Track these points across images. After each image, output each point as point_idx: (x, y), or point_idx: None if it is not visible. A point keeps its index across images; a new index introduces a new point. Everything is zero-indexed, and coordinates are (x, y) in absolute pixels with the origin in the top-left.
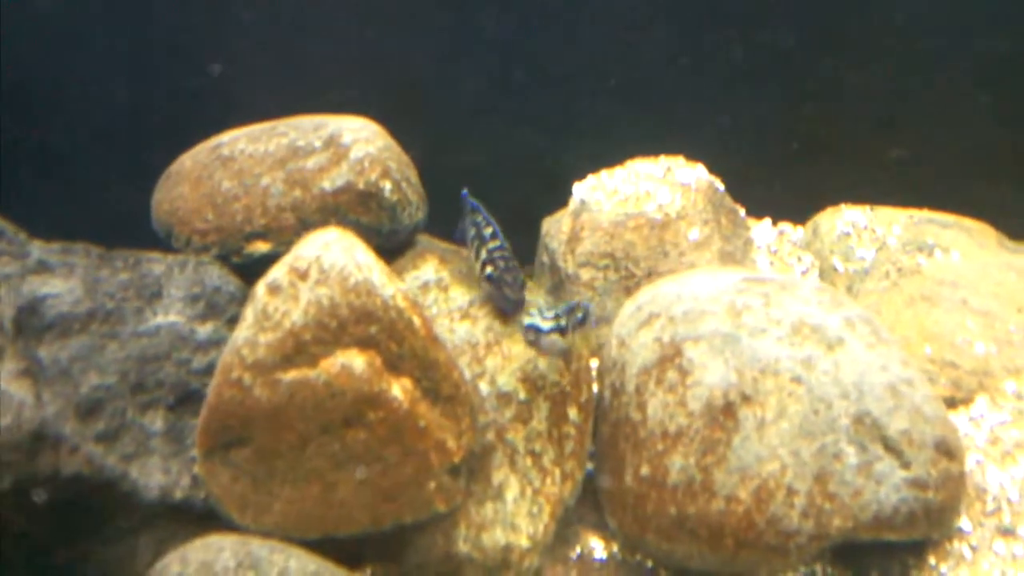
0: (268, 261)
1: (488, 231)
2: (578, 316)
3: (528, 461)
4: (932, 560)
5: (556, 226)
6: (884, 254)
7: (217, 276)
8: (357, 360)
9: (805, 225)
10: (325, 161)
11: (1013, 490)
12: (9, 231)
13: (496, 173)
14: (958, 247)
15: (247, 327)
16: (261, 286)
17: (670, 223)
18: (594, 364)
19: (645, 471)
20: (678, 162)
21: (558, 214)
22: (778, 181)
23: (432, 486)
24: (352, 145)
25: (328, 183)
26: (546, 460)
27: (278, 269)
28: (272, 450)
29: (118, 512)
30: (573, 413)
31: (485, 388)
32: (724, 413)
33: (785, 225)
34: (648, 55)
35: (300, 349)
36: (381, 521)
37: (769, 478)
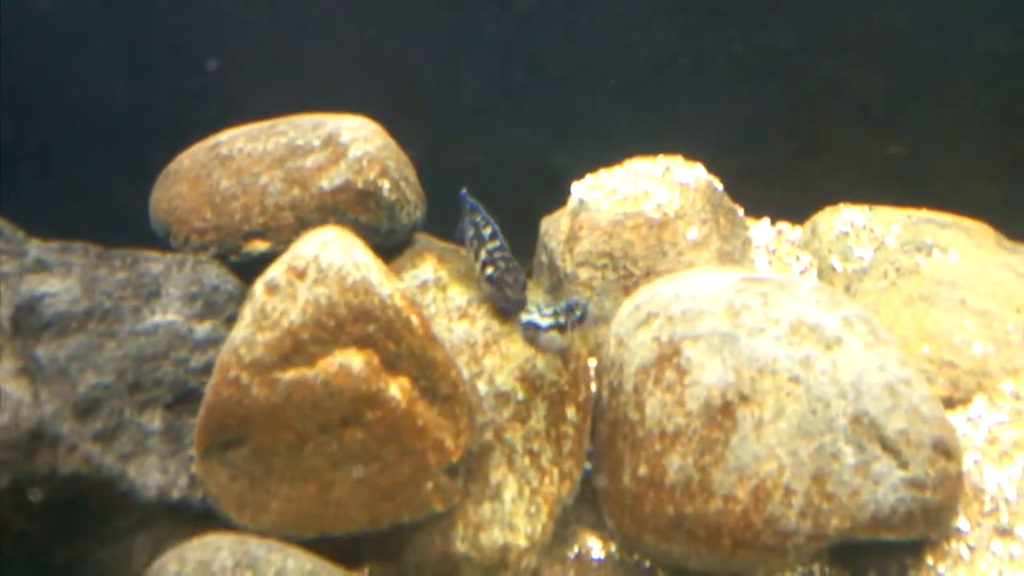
0: (266, 260)
1: (487, 231)
2: (576, 315)
3: (526, 461)
4: (930, 560)
5: (555, 226)
6: (882, 254)
7: (215, 275)
8: (355, 359)
9: (803, 225)
10: (324, 160)
11: (1011, 490)
12: (7, 230)
13: (495, 173)
14: (957, 247)
15: (245, 326)
16: (259, 285)
17: (668, 223)
18: (592, 363)
19: (643, 471)
20: (677, 162)
21: (557, 213)
22: (777, 181)
23: (430, 485)
24: (351, 144)
25: (327, 182)
26: (544, 460)
27: (276, 268)
28: (270, 449)
29: (116, 511)
30: (571, 413)
31: (483, 387)
32: (722, 413)
33: (783, 225)
34: (648, 55)
35: (298, 348)
36: (379, 520)
37: (767, 478)
